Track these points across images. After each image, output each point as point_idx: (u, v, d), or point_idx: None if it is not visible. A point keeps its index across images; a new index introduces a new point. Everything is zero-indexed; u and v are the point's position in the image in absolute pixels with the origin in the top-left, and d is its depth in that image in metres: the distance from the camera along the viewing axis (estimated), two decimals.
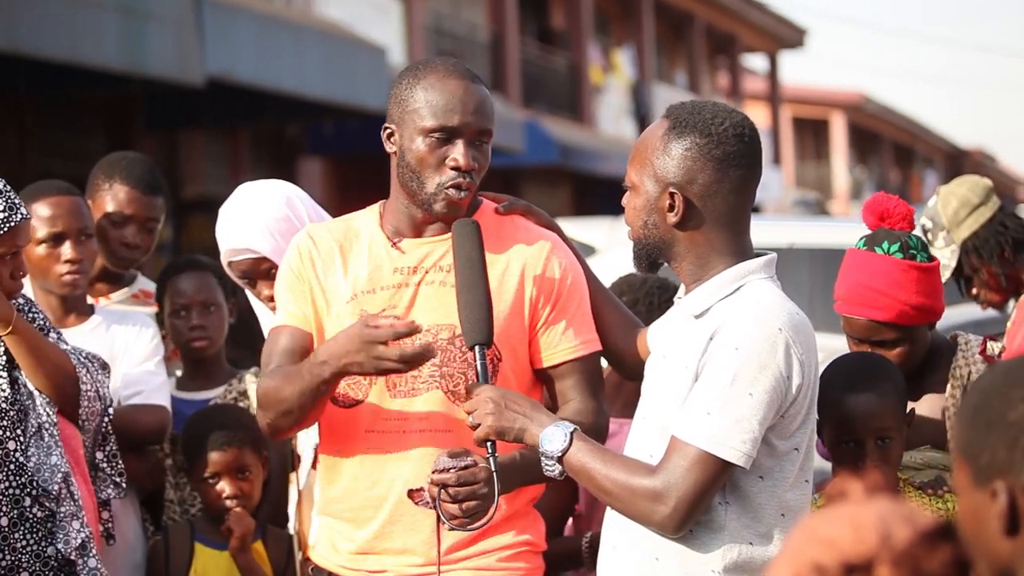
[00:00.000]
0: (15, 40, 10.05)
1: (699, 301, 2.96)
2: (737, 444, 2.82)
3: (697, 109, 3.00)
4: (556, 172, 23.43)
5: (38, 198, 4.02)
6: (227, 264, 3.81)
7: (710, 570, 2.89)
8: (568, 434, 2.93)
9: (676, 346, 2.98)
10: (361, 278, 3.31)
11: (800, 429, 2.92)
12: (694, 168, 2.94)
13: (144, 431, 4.02)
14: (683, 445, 2.85)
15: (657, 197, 2.97)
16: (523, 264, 3.30)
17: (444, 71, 3.25)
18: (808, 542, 1.51)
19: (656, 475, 2.86)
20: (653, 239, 2.99)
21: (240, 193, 3.83)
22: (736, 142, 2.96)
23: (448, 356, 3.26)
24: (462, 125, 3.21)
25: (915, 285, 3.52)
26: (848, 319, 3.59)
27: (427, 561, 3.25)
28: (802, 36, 34.19)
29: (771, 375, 2.83)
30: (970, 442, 1.67)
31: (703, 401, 2.84)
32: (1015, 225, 4.70)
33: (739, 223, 3.00)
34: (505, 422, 2.99)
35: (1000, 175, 49.42)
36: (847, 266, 3.60)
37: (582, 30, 25.21)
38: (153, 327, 4.15)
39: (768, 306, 2.89)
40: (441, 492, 3.05)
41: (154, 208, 4.34)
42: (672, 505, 2.84)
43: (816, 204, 32.40)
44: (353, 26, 16.28)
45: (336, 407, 3.33)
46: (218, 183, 16.10)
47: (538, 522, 3.40)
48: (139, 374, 4.04)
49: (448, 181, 3.21)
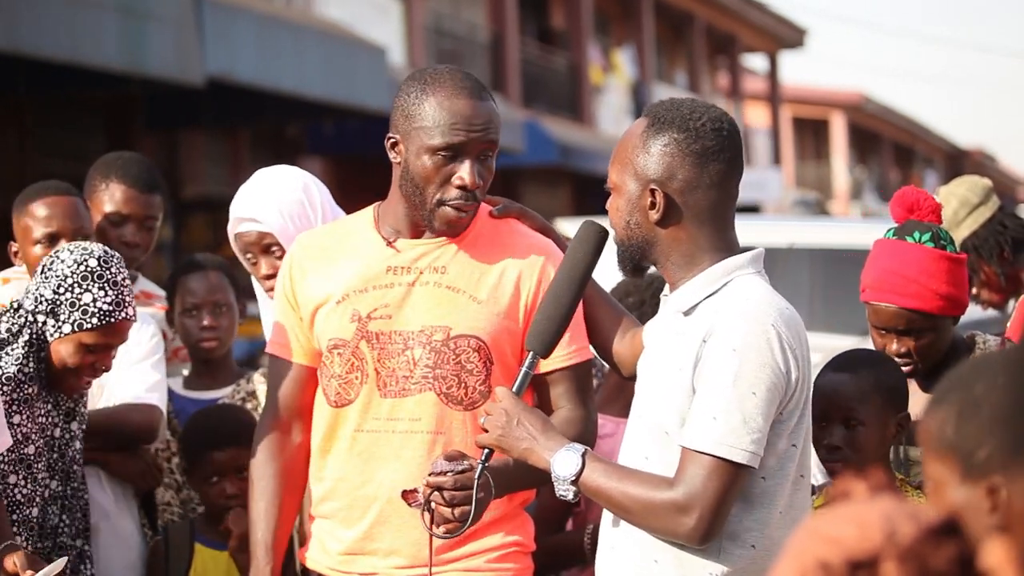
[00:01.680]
0: (15, 40, 10.05)
1: (686, 298, 2.96)
2: (746, 445, 2.81)
3: (675, 106, 3.00)
4: (556, 172, 23.44)
5: (36, 198, 4.02)
6: (232, 237, 3.81)
7: (708, 572, 2.88)
8: (581, 457, 2.91)
9: (666, 345, 2.98)
10: (353, 278, 3.31)
11: (798, 425, 2.91)
12: (673, 164, 2.94)
13: (135, 430, 4.01)
14: (695, 454, 2.83)
15: (639, 196, 2.96)
16: (519, 270, 3.30)
17: (452, 88, 3.22)
18: (813, 541, 1.50)
19: (676, 487, 2.84)
20: (637, 239, 2.99)
21: (260, 172, 3.84)
22: (714, 136, 2.96)
23: (442, 358, 3.26)
24: (469, 142, 3.21)
25: (945, 275, 3.50)
26: (875, 308, 3.55)
27: (415, 562, 3.25)
28: (802, 36, 34.19)
29: (771, 371, 2.83)
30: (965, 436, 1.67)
31: (707, 406, 2.83)
32: (1014, 225, 4.70)
33: (722, 219, 2.99)
34: (511, 439, 2.97)
35: (1000, 175, 49.43)
36: (876, 255, 3.58)
37: (582, 30, 25.21)
38: (152, 326, 4.14)
39: (758, 302, 2.89)
40: (435, 495, 3.05)
41: (152, 206, 4.34)
42: (697, 516, 2.82)
43: (816, 204, 32.41)
44: (353, 26, 16.29)
45: (329, 406, 3.34)
46: (218, 183, 16.11)
47: (527, 524, 3.41)
48: (134, 372, 4.03)
49: (451, 199, 3.22)
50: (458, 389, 3.26)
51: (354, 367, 3.30)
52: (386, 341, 3.27)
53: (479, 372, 3.26)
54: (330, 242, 3.39)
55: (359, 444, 3.30)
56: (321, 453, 3.38)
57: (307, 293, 3.36)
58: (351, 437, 3.31)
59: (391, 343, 3.27)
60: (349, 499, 3.32)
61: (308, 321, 3.36)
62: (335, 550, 3.36)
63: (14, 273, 4.26)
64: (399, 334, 3.27)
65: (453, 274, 3.28)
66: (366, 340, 3.28)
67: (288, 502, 3.44)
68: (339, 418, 3.33)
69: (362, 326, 3.29)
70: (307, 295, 3.36)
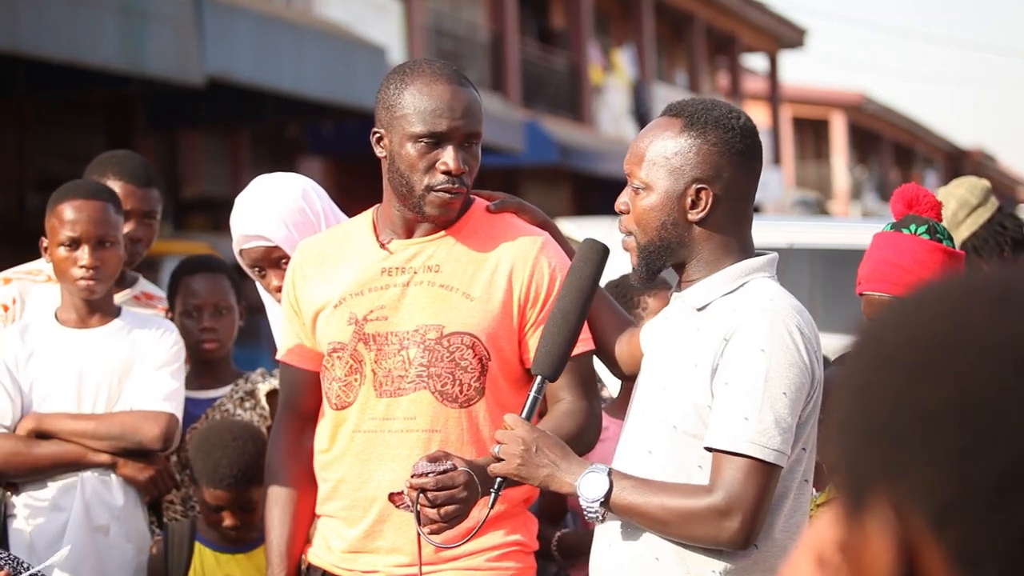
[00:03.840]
0: (15, 40, 10.05)
1: (701, 294, 2.95)
2: (778, 445, 2.80)
3: (709, 106, 3.00)
4: (556, 172, 23.45)
5: (64, 200, 4.01)
6: (238, 253, 3.80)
7: (711, 570, 2.88)
8: (607, 477, 2.89)
9: (677, 341, 2.97)
10: (350, 281, 3.33)
11: (812, 429, 2.92)
12: (720, 163, 2.94)
13: (149, 438, 3.99)
14: (731, 457, 2.81)
15: (680, 195, 2.95)
16: (512, 264, 3.29)
17: (431, 75, 3.24)
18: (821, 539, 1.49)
19: (714, 492, 2.82)
20: (671, 239, 2.97)
21: (257, 183, 3.83)
22: (754, 136, 2.99)
23: (436, 356, 3.26)
24: (451, 130, 3.21)
25: (940, 267, 3.49)
26: (869, 299, 3.54)
27: (416, 560, 3.25)
28: (802, 36, 34.20)
29: (798, 371, 2.83)
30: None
31: (738, 407, 2.81)
32: (1014, 225, 4.70)
33: (748, 219, 3.02)
34: (531, 468, 2.95)
35: (1000, 175, 49.46)
36: (873, 248, 3.57)
37: (582, 30, 25.21)
38: (174, 334, 4.11)
39: (781, 305, 2.89)
40: (420, 496, 3.04)
41: (150, 200, 4.33)
42: (740, 519, 2.80)
43: (816, 204, 32.43)
44: (353, 26, 16.29)
45: (330, 408, 3.36)
46: (218, 183, 16.12)
47: (530, 523, 3.40)
48: (153, 380, 4.02)
49: (438, 184, 3.22)
50: (453, 387, 3.26)
51: (353, 369, 3.31)
52: (382, 342, 3.28)
53: (474, 369, 3.26)
54: (329, 247, 3.41)
55: (357, 445, 3.32)
56: (324, 454, 3.39)
57: (308, 299, 3.38)
58: (349, 438, 3.33)
59: (387, 344, 3.28)
60: (350, 499, 3.34)
61: (310, 326, 3.39)
62: (338, 548, 3.38)
63: (15, 273, 4.26)
64: (395, 335, 3.28)
65: (447, 272, 3.29)
66: (363, 342, 3.29)
67: (302, 507, 3.45)
68: (340, 420, 3.35)
69: (359, 328, 3.30)
70: (308, 300, 3.38)
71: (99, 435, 3.90)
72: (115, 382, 3.99)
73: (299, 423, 3.46)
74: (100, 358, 3.99)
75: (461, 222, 3.32)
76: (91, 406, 3.98)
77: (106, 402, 3.99)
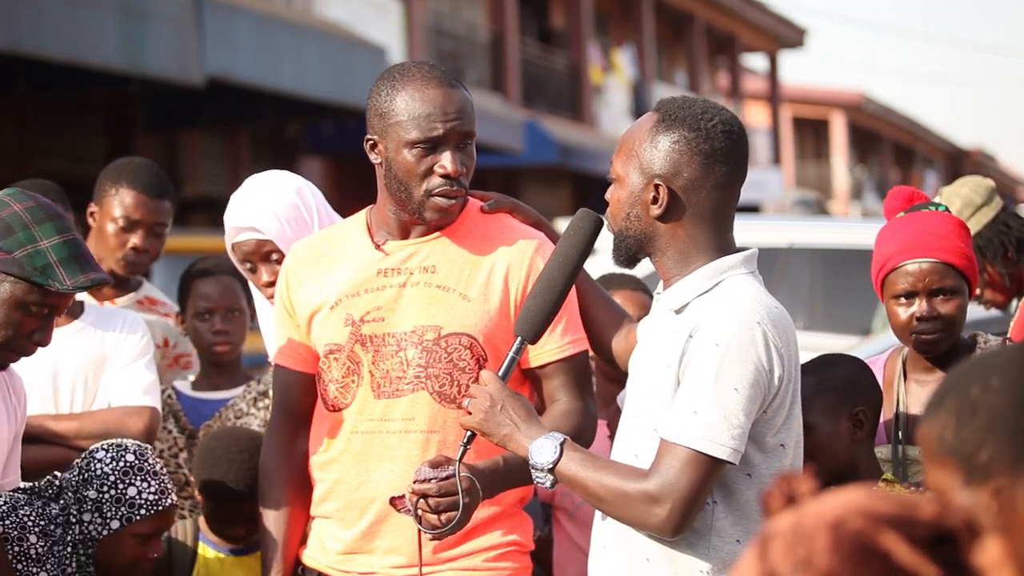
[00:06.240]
0: (15, 40, 10.05)
1: (678, 296, 2.97)
2: (726, 440, 2.82)
3: (688, 104, 3.01)
4: (556, 172, 23.45)
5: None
6: (230, 248, 3.80)
7: (698, 570, 2.89)
8: (558, 445, 2.92)
9: (657, 342, 2.99)
10: (345, 283, 3.32)
11: (785, 424, 2.92)
12: (680, 161, 2.95)
13: (134, 434, 3.99)
14: (672, 446, 2.84)
15: (642, 189, 2.98)
16: (508, 265, 3.29)
17: (421, 79, 3.23)
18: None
19: (649, 478, 2.85)
20: (635, 232, 2.99)
21: (251, 180, 3.84)
22: (724, 139, 2.97)
23: (434, 357, 3.26)
24: (447, 133, 3.21)
25: (967, 238, 3.52)
26: (905, 270, 3.48)
27: (412, 562, 3.25)
28: (802, 36, 34.21)
29: (753, 368, 2.83)
30: (964, 440, 1.66)
31: (689, 400, 2.84)
32: (1018, 225, 4.70)
33: (722, 220, 3.00)
34: (493, 423, 2.98)
35: (1000, 175, 49.44)
36: (895, 227, 3.54)
37: (582, 30, 25.21)
38: (142, 326, 4.13)
39: (745, 300, 2.90)
40: (420, 501, 3.04)
41: (162, 212, 4.37)
42: (669, 507, 2.83)
43: (816, 204, 32.44)
44: (353, 26, 16.29)
45: (327, 410, 3.36)
46: (218, 183, 16.12)
47: (526, 522, 3.40)
48: (129, 374, 4.02)
49: (436, 188, 3.21)
50: (451, 387, 3.26)
51: (350, 371, 3.30)
52: (380, 343, 3.28)
53: (472, 370, 3.26)
54: (324, 248, 3.40)
55: (354, 446, 3.31)
56: (320, 456, 3.38)
57: (303, 300, 3.37)
58: (347, 439, 3.32)
59: (385, 345, 3.27)
60: (347, 500, 3.33)
61: (305, 328, 3.38)
62: (334, 549, 3.37)
63: None
64: (392, 336, 3.27)
65: (443, 273, 3.28)
66: (360, 343, 3.29)
67: (297, 510, 3.44)
68: (336, 421, 3.34)
69: (356, 330, 3.29)
70: (303, 302, 3.37)
71: (83, 434, 3.88)
72: (90, 379, 3.99)
73: (293, 425, 3.45)
74: (72, 356, 3.98)
75: (456, 223, 3.32)
76: (68, 405, 3.97)
77: (83, 400, 3.98)
